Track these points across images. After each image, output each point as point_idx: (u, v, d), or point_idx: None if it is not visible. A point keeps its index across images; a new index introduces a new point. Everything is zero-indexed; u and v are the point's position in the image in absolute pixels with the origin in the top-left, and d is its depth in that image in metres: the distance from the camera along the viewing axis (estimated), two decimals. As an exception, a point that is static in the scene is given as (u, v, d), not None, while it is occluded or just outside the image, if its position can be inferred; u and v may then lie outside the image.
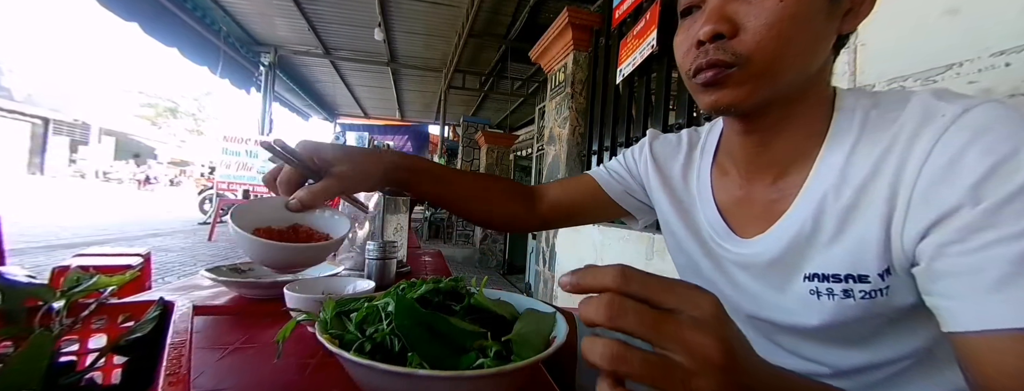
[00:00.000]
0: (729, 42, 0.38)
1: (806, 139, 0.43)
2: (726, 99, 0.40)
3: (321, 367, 0.44)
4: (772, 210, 0.45)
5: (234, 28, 5.25)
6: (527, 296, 0.48)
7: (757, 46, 0.37)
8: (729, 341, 0.21)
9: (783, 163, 0.45)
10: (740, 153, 0.49)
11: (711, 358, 0.20)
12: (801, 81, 0.41)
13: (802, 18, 0.37)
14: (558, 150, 2.80)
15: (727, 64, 0.38)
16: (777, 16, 0.36)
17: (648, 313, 0.21)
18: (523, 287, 3.72)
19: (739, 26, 0.38)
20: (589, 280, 0.23)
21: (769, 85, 0.39)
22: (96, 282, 0.37)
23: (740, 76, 0.38)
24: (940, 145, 0.33)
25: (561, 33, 2.66)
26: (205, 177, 9.05)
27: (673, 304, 0.22)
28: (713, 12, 0.39)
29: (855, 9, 0.40)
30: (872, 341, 0.43)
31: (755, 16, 0.37)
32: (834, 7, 0.39)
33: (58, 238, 4.40)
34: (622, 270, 0.22)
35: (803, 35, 0.38)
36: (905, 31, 0.79)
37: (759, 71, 0.38)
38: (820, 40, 0.39)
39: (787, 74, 0.39)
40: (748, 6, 0.38)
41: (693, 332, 0.21)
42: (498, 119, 7.87)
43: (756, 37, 0.37)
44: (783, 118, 0.43)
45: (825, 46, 0.40)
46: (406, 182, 0.58)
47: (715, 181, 0.53)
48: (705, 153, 0.56)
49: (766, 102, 0.41)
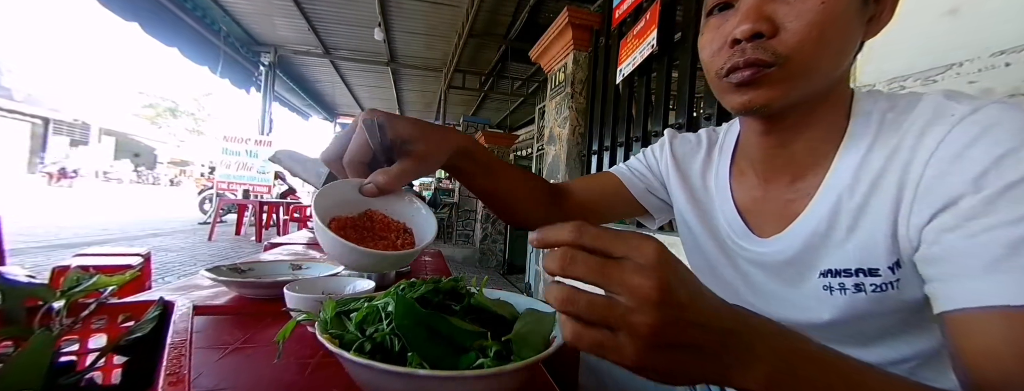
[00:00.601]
0: (768, 41, 0.38)
1: (823, 141, 0.44)
2: (761, 99, 0.40)
3: (321, 367, 0.44)
4: (789, 210, 0.46)
5: (234, 28, 5.26)
6: (527, 296, 0.48)
7: (799, 46, 0.37)
8: (665, 280, 0.22)
9: (800, 165, 0.46)
10: (758, 153, 0.49)
11: (647, 296, 0.22)
12: (828, 83, 0.41)
13: (841, 20, 0.37)
14: (558, 150, 2.80)
15: (767, 63, 0.38)
16: (820, 17, 0.36)
17: (595, 261, 0.23)
18: (523, 287, 3.72)
19: (779, 26, 0.38)
20: (551, 235, 0.25)
21: (803, 86, 0.39)
22: (96, 282, 0.37)
23: (778, 75, 0.38)
24: (948, 140, 0.34)
25: (561, 33, 2.66)
26: (205, 177, 9.04)
27: (622, 252, 0.23)
28: (751, 10, 0.38)
29: (878, 16, 0.41)
30: (880, 340, 0.43)
31: (796, 16, 0.37)
32: (864, 11, 0.39)
33: (58, 238, 4.40)
34: (578, 226, 0.24)
35: (840, 37, 0.38)
36: (905, 31, 0.79)
37: (798, 71, 0.38)
38: (852, 42, 0.40)
39: (821, 75, 0.39)
40: (788, 6, 0.37)
41: (633, 274, 0.22)
42: (498, 119, 7.87)
43: (797, 37, 0.37)
44: (803, 119, 0.44)
45: (854, 49, 0.41)
46: (463, 170, 0.54)
47: (734, 181, 0.54)
48: (723, 153, 0.57)
49: (795, 103, 0.41)
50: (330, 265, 0.81)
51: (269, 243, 1.38)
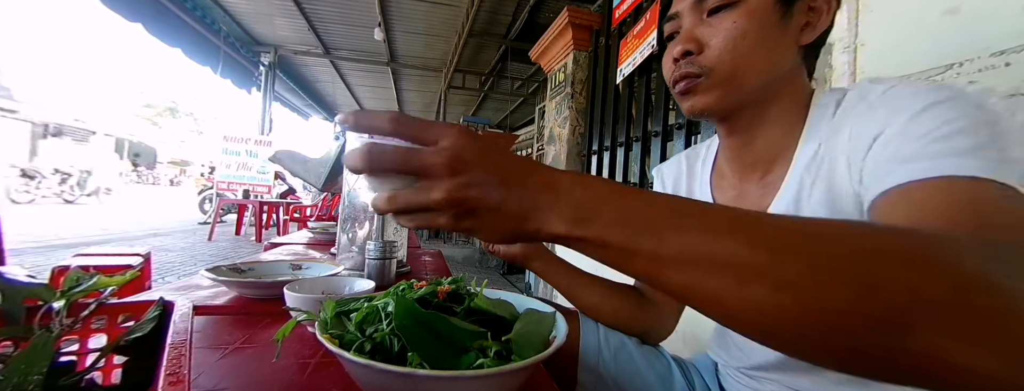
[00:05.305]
0: (696, 57, 0.47)
1: (784, 136, 0.49)
2: (699, 104, 0.48)
3: (321, 367, 0.44)
4: (762, 203, 0.50)
5: (234, 28, 5.25)
6: (527, 296, 0.48)
7: (717, 59, 0.46)
8: (458, 151, 0.25)
9: (766, 160, 0.51)
10: (730, 154, 0.55)
11: (441, 171, 0.25)
12: (766, 85, 0.47)
13: (753, 34, 0.45)
14: (558, 150, 2.80)
15: (695, 75, 0.47)
16: (732, 34, 0.45)
17: (401, 150, 0.26)
18: (523, 287, 3.72)
19: (704, 44, 0.47)
20: (365, 121, 0.28)
21: (733, 90, 0.47)
22: (96, 282, 0.37)
23: (706, 84, 0.47)
24: (871, 104, 0.40)
25: (561, 33, 2.66)
26: (205, 177, 9.03)
27: (433, 138, 0.27)
28: (684, 35, 0.48)
29: (813, 23, 0.47)
30: None
31: (714, 35, 0.46)
32: (786, 23, 0.46)
33: (58, 238, 4.40)
34: (395, 116, 0.27)
35: (757, 48, 0.45)
36: (905, 31, 0.79)
37: (722, 79, 0.46)
38: (776, 50, 0.46)
39: (748, 80, 0.46)
40: (710, 28, 0.46)
41: (432, 155, 0.26)
42: (498, 119, 7.87)
43: (716, 51, 0.46)
44: (758, 119, 0.50)
45: (784, 55, 0.47)
46: (535, 268, 0.66)
47: (714, 185, 0.60)
48: (705, 164, 0.62)
49: (736, 105, 0.48)
50: (330, 265, 0.81)
51: (269, 243, 1.38)
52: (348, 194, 0.92)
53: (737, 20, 0.45)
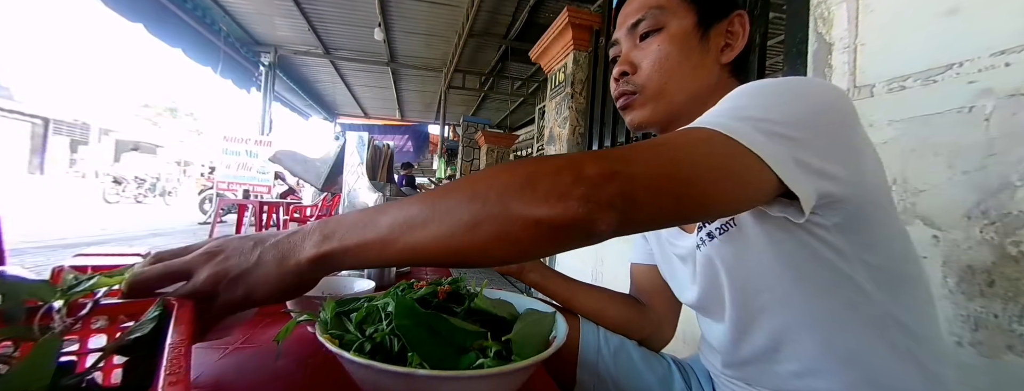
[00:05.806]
0: (632, 77, 0.54)
1: None
2: (636, 118, 0.55)
3: (321, 367, 0.44)
4: None
5: (234, 28, 5.26)
6: (527, 296, 0.48)
7: (647, 78, 0.53)
8: (209, 247, 0.33)
9: None
10: None
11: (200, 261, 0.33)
12: (692, 98, 0.52)
13: (675, 56, 0.51)
14: (558, 150, 2.80)
15: (632, 92, 0.54)
16: (658, 56, 0.52)
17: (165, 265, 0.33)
18: (523, 287, 3.72)
19: (637, 66, 0.54)
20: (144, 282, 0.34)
21: (663, 104, 0.53)
22: (96, 282, 0.37)
23: (640, 100, 0.54)
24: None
25: (561, 33, 2.66)
26: (205, 177, 9.04)
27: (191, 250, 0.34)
28: (622, 58, 0.56)
29: (732, 45, 0.53)
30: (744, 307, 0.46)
31: (644, 58, 0.53)
32: (705, 45, 0.52)
33: (58, 238, 4.40)
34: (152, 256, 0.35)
35: (679, 67, 0.51)
36: (905, 31, 0.79)
37: (652, 95, 0.53)
38: (699, 69, 0.52)
39: (675, 95, 0.52)
40: (641, 52, 0.54)
41: (189, 257, 0.33)
42: (498, 119, 7.87)
43: (645, 71, 0.53)
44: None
45: (706, 72, 0.53)
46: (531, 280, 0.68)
47: None
48: None
49: (668, 116, 0.53)
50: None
51: (269, 243, 1.37)
52: (348, 194, 0.92)
53: (661, 44, 0.52)
